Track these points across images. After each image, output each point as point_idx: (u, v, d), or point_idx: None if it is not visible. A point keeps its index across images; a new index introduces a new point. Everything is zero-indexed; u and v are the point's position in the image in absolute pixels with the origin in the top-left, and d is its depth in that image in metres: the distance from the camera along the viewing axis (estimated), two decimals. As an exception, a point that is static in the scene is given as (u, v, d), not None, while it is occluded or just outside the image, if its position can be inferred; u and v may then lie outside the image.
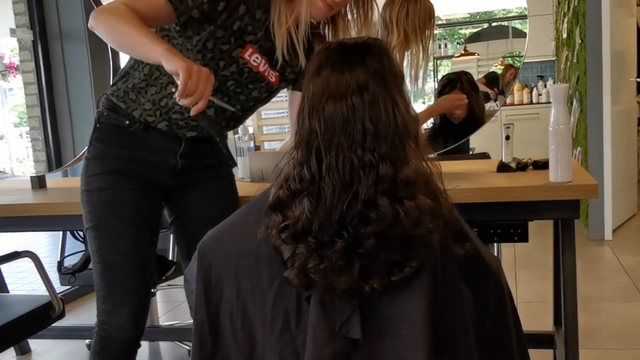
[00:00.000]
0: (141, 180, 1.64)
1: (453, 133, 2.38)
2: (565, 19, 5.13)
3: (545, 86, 6.67)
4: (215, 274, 1.28)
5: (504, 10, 2.73)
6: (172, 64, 1.35)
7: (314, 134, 1.14)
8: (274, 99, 1.80)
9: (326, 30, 1.72)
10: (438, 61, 2.72)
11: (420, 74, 2.03)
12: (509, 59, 2.55)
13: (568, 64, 5.09)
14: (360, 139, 1.11)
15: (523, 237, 1.82)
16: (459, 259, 1.19)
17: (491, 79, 2.48)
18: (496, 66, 2.67)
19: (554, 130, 1.72)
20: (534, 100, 6.70)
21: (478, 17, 2.73)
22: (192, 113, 1.37)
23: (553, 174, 1.73)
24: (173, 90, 1.41)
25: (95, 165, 1.64)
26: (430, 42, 2.04)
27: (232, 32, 1.57)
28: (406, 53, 1.98)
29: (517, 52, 2.57)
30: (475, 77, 2.48)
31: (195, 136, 1.67)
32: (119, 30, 1.44)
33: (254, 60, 1.62)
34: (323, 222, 1.11)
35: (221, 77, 1.60)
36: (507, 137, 1.99)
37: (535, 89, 6.73)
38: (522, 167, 1.99)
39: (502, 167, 1.99)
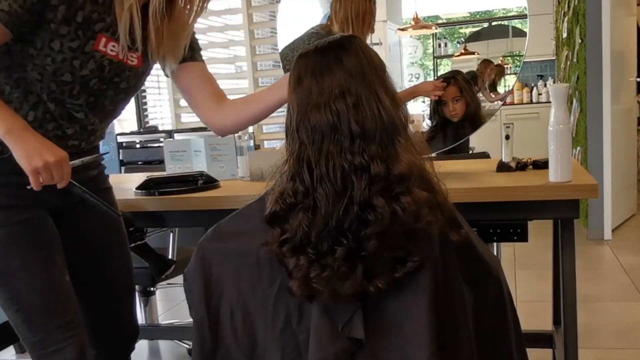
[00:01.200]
0: (33, 207, 1.46)
1: (452, 132, 2.39)
2: (566, 19, 5.13)
3: (545, 85, 6.67)
4: (215, 273, 1.28)
5: (504, 9, 2.73)
6: (17, 157, 1.29)
7: (303, 145, 1.14)
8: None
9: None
10: (438, 60, 2.73)
11: None
12: (509, 58, 2.56)
13: (568, 63, 5.09)
14: (349, 144, 1.12)
15: (523, 237, 1.82)
16: (456, 245, 1.19)
17: (470, 78, 2.49)
18: (496, 65, 2.67)
19: (554, 130, 1.72)
20: (534, 100, 6.70)
21: (478, 16, 2.74)
22: (58, 187, 1.34)
23: (553, 173, 1.73)
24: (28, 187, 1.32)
25: None
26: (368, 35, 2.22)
27: (78, 25, 1.39)
28: None
29: (517, 52, 2.58)
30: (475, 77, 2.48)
31: (78, 145, 1.52)
32: None
33: (111, 50, 1.46)
34: (321, 233, 1.12)
35: (81, 78, 1.43)
36: (507, 137, 1.99)
37: (535, 88, 6.73)
38: (521, 166, 1.98)
39: (502, 167, 1.99)
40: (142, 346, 3.09)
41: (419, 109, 2.55)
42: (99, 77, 1.47)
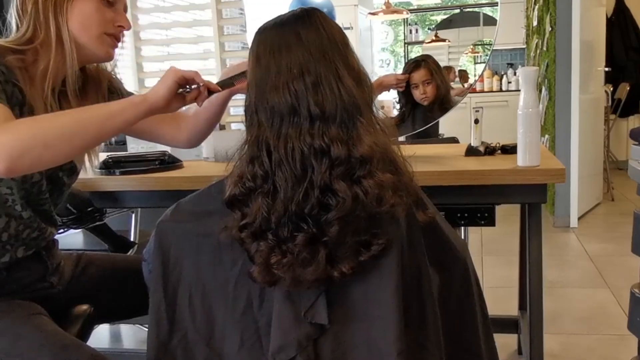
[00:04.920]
0: None
1: (421, 116, 2.37)
2: (536, 7, 5.14)
3: (515, 74, 6.70)
4: (174, 254, 1.24)
5: (475, -4, 2.71)
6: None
7: (262, 127, 1.10)
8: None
9: None
10: (409, 47, 2.70)
11: None
12: (479, 46, 2.54)
13: (538, 51, 5.11)
14: (308, 126, 1.07)
15: (490, 221, 1.80)
16: (422, 225, 1.16)
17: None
18: (467, 54, 2.66)
19: (523, 114, 1.70)
20: (504, 88, 6.73)
21: (449, 3, 2.71)
22: None
23: (521, 157, 1.72)
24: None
25: None
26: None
27: None
28: None
29: (488, 40, 2.56)
30: (446, 64, 2.47)
31: (47, 236, 1.48)
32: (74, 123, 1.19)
33: None
34: (280, 218, 1.08)
35: (45, 171, 1.37)
36: (476, 121, 1.97)
37: (505, 76, 6.76)
38: (490, 151, 1.97)
39: (471, 151, 1.97)
40: (103, 330, 3.04)
41: (389, 96, 2.52)
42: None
